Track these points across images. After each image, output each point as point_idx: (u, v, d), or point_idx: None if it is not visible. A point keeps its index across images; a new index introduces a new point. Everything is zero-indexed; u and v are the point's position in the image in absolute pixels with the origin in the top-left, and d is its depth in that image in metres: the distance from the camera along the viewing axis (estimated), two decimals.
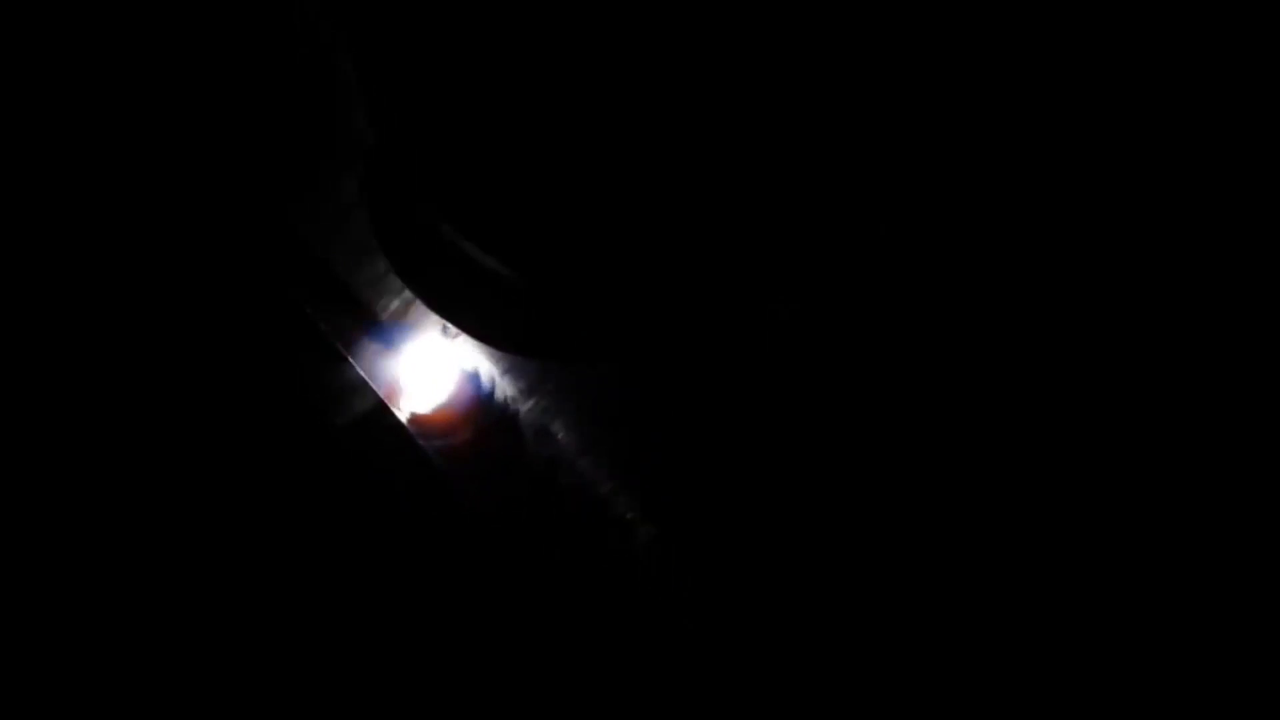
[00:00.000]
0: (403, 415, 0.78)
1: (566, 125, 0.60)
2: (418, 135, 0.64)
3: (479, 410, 0.79)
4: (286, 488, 0.77)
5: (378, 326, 0.79)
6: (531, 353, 0.77)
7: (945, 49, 0.63)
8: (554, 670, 0.78)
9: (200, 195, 0.77)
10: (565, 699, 0.78)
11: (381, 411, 0.78)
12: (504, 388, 0.79)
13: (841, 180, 0.65)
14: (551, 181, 0.62)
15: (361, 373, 0.78)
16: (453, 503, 0.78)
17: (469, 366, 0.79)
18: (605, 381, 0.78)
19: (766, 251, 0.65)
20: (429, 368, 0.79)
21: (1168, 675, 0.73)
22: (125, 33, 0.75)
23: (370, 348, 0.78)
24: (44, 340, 0.76)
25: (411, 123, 0.64)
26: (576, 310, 0.73)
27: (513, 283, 0.69)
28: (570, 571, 0.79)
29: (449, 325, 0.77)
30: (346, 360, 0.78)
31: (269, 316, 0.78)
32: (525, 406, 0.79)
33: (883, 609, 0.76)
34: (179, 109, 0.76)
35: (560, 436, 0.79)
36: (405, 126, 0.65)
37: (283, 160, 0.78)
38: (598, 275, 0.65)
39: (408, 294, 0.78)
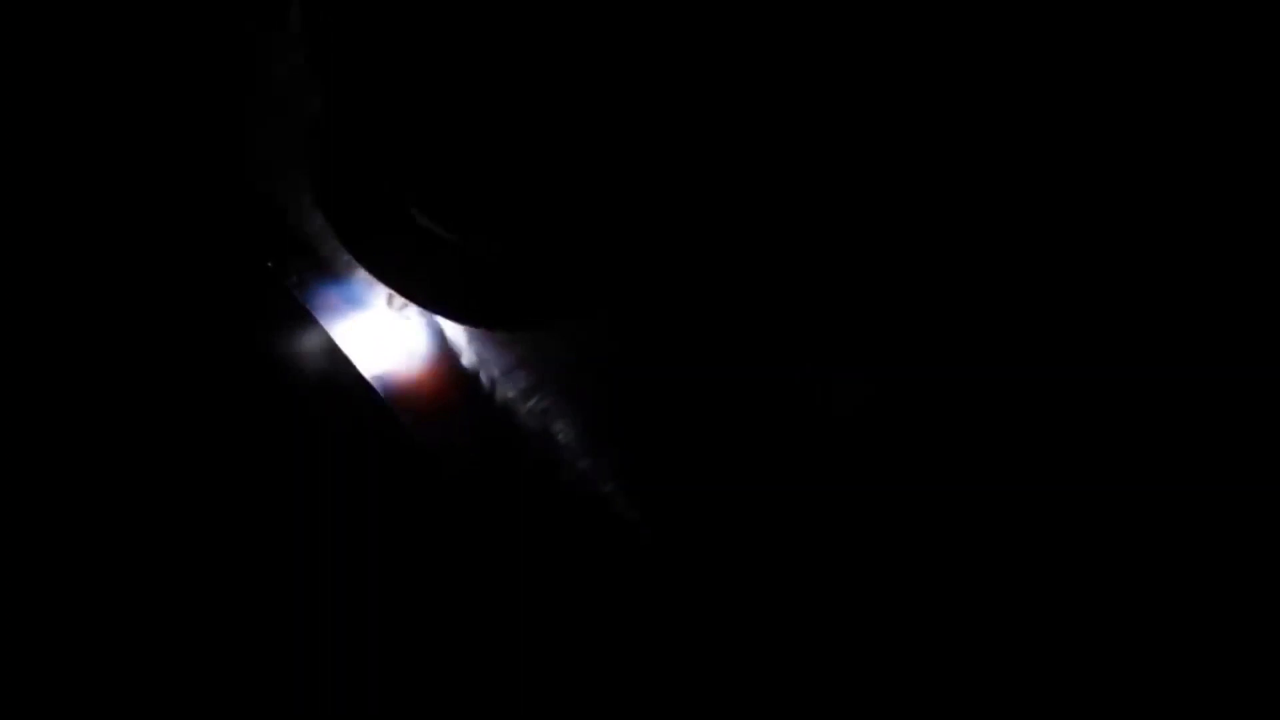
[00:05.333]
0: (400, 415, 0.77)
1: (526, 86, 0.59)
2: (370, 103, 0.63)
3: (477, 410, 0.79)
4: (279, 488, 0.77)
5: (371, 320, 0.78)
6: (484, 322, 0.76)
7: (944, 49, 0.63)
8: (554, 670, 0.78)
9: (162, 165, 0.76)
10: (565, 699, 0.78)
11: (379, 409, 0.77)
12: (503, 388, 0.79)
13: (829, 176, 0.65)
14: (491, 146, 0.61)
15: (360, 369, 0.77)
16: (450, 503, 0.78)
17: (469, 367, 0.79)
18: (607, 382, 0.78)
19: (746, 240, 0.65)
20: (428, 366, 0.79)
21: (1168, 675, 0.73)
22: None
23: (368, 343, 0.78)
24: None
25: (364, 89, 0.63)
26: (527, 276, 0.72)
27: (463, 250, 0.68)
28: (570, 571, 0.79)
29: (395, 295, 0.76)
30: (344, 353, 0.77)
31: (262, 301, 0.77)
32: (525, 407, 0.78)
33: (884, 610, 0.76)
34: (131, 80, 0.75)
35: (560, 437, 0.78)
36: (357, 94, 0.64)
37: (274, 148, 0.77)
38: (547, 240, 0.65)
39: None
